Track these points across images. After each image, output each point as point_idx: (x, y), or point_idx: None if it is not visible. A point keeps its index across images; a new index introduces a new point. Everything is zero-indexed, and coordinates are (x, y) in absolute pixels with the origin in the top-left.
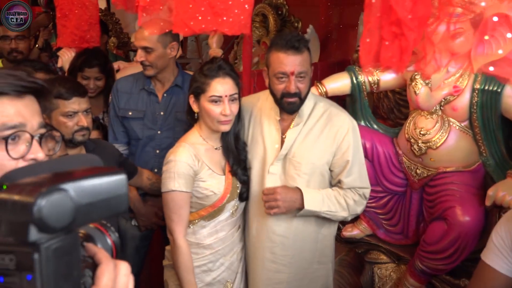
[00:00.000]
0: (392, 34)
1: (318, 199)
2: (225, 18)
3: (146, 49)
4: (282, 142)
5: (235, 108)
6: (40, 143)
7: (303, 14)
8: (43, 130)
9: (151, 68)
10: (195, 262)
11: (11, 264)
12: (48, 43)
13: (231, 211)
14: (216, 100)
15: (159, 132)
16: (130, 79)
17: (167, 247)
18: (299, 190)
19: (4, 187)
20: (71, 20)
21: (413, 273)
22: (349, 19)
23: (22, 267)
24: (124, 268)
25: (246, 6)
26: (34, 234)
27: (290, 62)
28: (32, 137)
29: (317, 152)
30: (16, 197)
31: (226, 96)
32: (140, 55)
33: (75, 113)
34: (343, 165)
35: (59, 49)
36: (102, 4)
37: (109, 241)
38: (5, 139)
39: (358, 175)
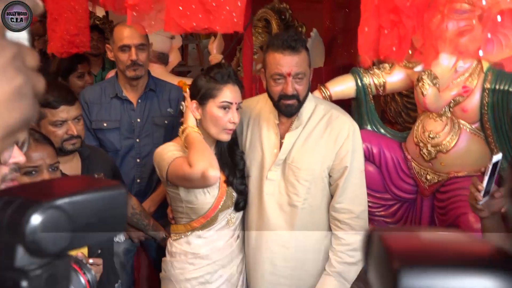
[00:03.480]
0: (390, 22)
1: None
2: (216, 16)
3: (142, 47)
4: (281, 146)
5: (239, 117)
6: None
7: (306, 18)
8: None
9: (142, 68)
10: (192, 274)
11: None
12: (43, 52)
13: (226, 219)
14: (227, 106)
15: (137, 140)
16: (97, 88)
17: (164, 258)
18: None
19: None
20: (60, 25)
21: None
22: (354, 23)
23: None
24: None
25: (239, 3)
26: (22, 258)
27: (286, 62)
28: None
29: (317, 157)
30: (9, 211)
31: (235, 103)
32: (134, 54)
33: (64, 121)
34: (341, 171)
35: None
36: (101, 12)
37: (83, 281)
38: None
39: (351, 193)
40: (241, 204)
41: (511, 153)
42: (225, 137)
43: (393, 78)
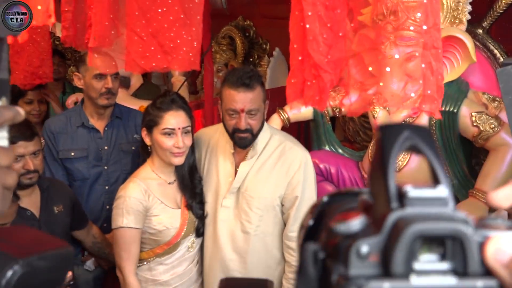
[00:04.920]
0: (312, 76)
1: None
2: (174, 56)
3: (116, 76)
4: (236, 175)
5: (188, 140)
6: None
7: (271, 35)
8: None
9: (115, 97)
10: None
11: None
12: None
13: (187, 246)
14: (169, 132)
15: (105, 167)
16: (62, 118)
17: None
18: None
19: None
20: (23, 57)
21: None
22: None
23: None
24: None
25: (195, 43)
26: None
27: (240, 99)
28: None
29: (269, 187)
30: None
31: (179, 128)
32: (110, 82)
33: (21, 156)
34: (292, 200)
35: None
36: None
37: None
38: None
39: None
40: (201, 230)
41: (459, 171)
42: (175, 160)
43: (348, 101)
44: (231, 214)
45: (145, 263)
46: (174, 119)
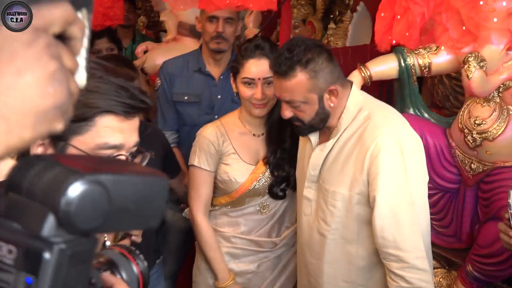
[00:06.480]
0: (403, 8)
1: None
2: None
3: (230, 21)
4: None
5: (271, 91)
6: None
7: None
8: (135, 148)
9: (226, 43)
10: None
11: (9, 258)
12: None
13: (257, 207)
14: (249, 82)
15: (216, 116)
16: (180, 60)
17: None
18: None
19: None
20: None
21: (464, 279)
22: None
23: (22, 265)
24: None
25: None
26: (51, 228)
27: (276, 86)
28: (126, 157)
29: (345, 179)
30: (47, 177)
31: (259, 79)
32: (221, 26)
33: None
34: (372, 202)
35: None
36: None
37: (135, 270)
38: None
39: (397, 235)
40: (275, 190)
41: None
42: (255, 111)
43: (440, 59)
44: (313, 209)
45: (211, 210)
46: (255, 68)
